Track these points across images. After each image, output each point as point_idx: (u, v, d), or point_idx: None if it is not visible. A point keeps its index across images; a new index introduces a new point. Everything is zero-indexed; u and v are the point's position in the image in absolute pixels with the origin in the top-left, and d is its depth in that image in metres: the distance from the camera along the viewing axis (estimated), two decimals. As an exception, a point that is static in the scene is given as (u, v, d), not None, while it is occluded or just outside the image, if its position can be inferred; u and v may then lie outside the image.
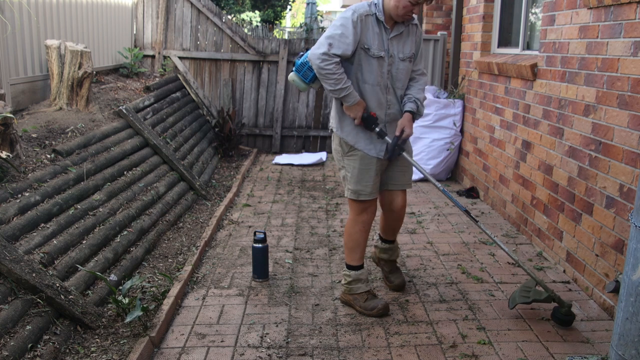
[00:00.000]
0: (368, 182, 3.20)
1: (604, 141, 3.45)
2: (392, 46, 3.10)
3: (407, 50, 3.15)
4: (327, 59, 2.96)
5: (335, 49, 2.96)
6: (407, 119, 3.15)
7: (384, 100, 3.16)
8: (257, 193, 6.02)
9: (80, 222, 3.68)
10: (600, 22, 3.51)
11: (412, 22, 3.16)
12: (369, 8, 3.04)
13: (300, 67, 3.20)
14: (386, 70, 3.12)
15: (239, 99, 8.16)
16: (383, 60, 3.08)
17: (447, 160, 6.47)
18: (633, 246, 2.33)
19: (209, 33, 7.97)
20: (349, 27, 2.97)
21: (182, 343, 2.99)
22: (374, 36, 3.04)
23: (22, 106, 4.95)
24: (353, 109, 3.09)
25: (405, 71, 3.17)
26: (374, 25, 3.04)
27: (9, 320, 2.65)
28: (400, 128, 3.14)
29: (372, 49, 3.04)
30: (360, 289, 3.34)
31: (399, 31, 3.10)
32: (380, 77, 3.11)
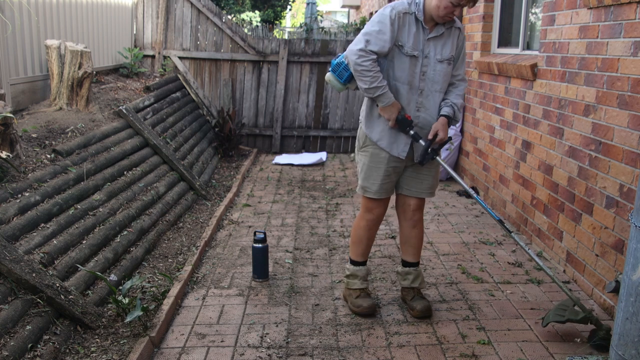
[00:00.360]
0: (375, 180, 3.17)
1: (604, 141, 3.45)
2: (429, 47, 3.03)
3: (445, 52, 3.06)
4: (364, 55, 2.92)
5: (372, 45, 2.92)
6: (441, 122, 3.05)
7: (414, 101, 3.08)
8: (257, 193, 6.02)
9: (80, 222, 3.68)
10: (600, 22, 3.51)
11: (455, 25, 3.09)
12: (409, 7, 3.00)
13: (335, 67, 3.16)
14: (419, 71, 3.05)
15: (239, 99, 8.16)
16: (417, 60, 3.02)
17: (447, 160, 6.47)
18: (633, 246, 2.33)
19: (209, 33, 7.97)
20: (387, 23, 2.93)
21: (182, 343, 2.99)
22: (409, 35, 2.99)
23: (22, 106, 4.95)
24: (387, 110, 3.03)
25: (442, 73, 3.07)
26: (411, 24, 2.99)
27: (9, 320, 2.65)
28: (433, 132, 3.04)
29: (406, 47, 2.99)
30: (355, 284, 3.35)
31: (439, 32, 3.03)
32: (412, 77, 3.05)
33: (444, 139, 3.04)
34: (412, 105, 3.08)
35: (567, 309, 2.98)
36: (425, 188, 3.26)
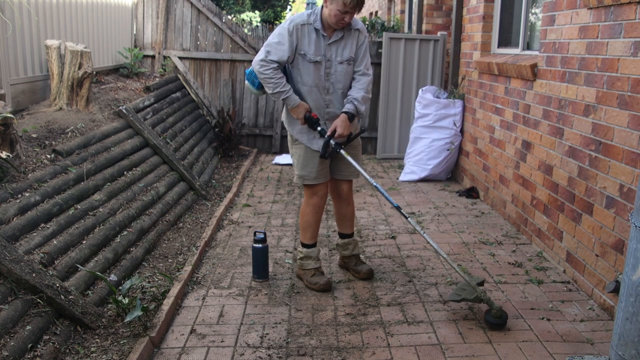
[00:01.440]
0: (312, 168, 3.54)
1: (604, 141, 3.45)
2: (330, 51, 3.39)
3: (345, 54, 3.42)
4: (265, 64, 3.30)
5: (272, 55, 3.30)
6: (341, 119, 3.40)
7: (322, 100, 3.47)
8: (257, 193, 6.02)
9: (80, 222, 3.68)
10: (600, 22, 3.51)
11: (354, 28, 3.42)
12: (307, 18, 3.36)
13: (249, 75, 3.53)
14: (324, 73, 3.42)
15: (239, 99, 8.16)
16: (320, 64, 3.39)
17: (447, 161, 6.47)
18: (633, 246, 2.34)
19: (209, 33, 7.97)
20: (285, 35, 3.31)
21: (182, 343, 2.99)
22: (310, 43, 3.35)
23: (22, 106, 4.95)
24: (295, 110, 3.42)
25: (343, 73, 3.44)
26: (310, 33, 3.35)
27: (9, 320, 2.65)
28: (332, 128, 3.40)
29: (308, 55, 3.36)
30: (309, 265, 3.71)
31: (338, 37, 3.39)
32: (318, 79, 3.42)
33: (342, 134, 3.38)
34: (321, 103, 3.48)
35: (465, 289, 3.26)
36: (353, 171, 3.64)
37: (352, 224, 3.87)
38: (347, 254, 3.86)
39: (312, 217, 3.68)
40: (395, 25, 9.41)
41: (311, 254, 3.72)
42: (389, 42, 7.33)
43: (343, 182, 3.72)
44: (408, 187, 6.31)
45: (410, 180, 6.53)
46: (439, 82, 7.39)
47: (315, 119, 3.43)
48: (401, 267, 4.01)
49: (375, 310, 3.36)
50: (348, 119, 3.40)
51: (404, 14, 10.45)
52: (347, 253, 3.86)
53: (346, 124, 3.40)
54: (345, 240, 3.87)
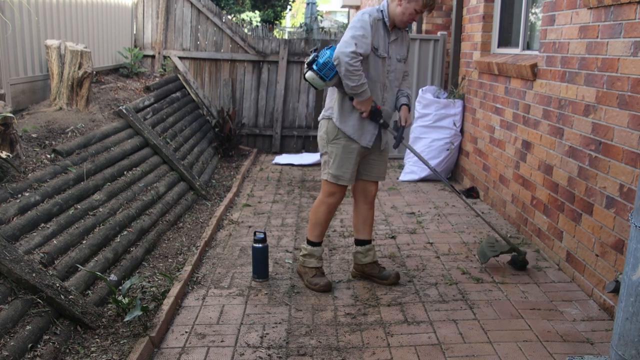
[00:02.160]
0: (348, 169, 3.50)
1: (604, 141, 3.45)
2: (391, 49, 3.43)
3: (402, 53, 3.51)
4: (355, 57, 3.19)
5: (359, 48, 3.21)
6: (406, 110, 3.52)
7: (381, 96, 3.49)
8: (257, 193, 6.02)
9: (80, 222, 3.68)
10: (600, 22, 3.51)
11: (405, 29, 3.50)
12: (378, 13, 3.34)
13: (322, 67, 3.33)
14: (386, 70, 3.45)
15: (239, 99, 8.16)
16: (384, 61, 3.41)
17: (447, 160, 6.47)
18: (633, 246, 2.33)
19: (209, 33, 7.97)
20: (368, 28, 3.26)
21: (182, 343, 2.99)
22: (380, 38, 3.35)
23: (22, 106, 4.95)
24: (365, 103, 3.36)
25: (400, 71, 3.54)
26: (380, 29, 3.35)
27: (9, 320, 2.65)
28: (404, 119, 3.50)
29: (380, 50, 3.36)
30: (311, 263, 3.69)
31: (397, 36, 3.45)
32: (382, 76, 3.43)
33: (411, 124, 3.51)
34: (379, 100, 3.49)
35: (495, 244, 3.54)
36: (382, 172, 3.68)
37: (371, 230, 3.79)
38: (368, 261, 3.72)
39: (325, 215, 3.64)
40: (395, 25, 9.41)
41: (315, 252, 3.69)
42: (389, 42, 7.32)
43: (372, 184, 3.68)
44: (408, 187, 6.31)
45: (410, 180, 6.53)
46: (439, 82, 7.39)
47: (380, 110, 3.45)
48: (401, 267, 4.01)
49: (375, 310, 3.36)
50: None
51: (404, 14, 10.44)
52: (368, 260, 3.71)
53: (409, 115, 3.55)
54: (366, 247, 3.73)
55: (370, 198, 3.70)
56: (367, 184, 3.66)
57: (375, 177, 3.65)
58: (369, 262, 3.72)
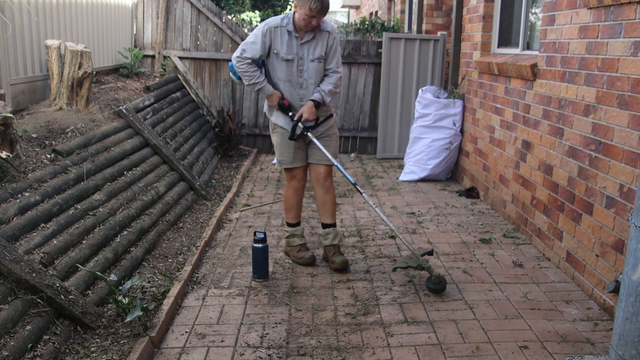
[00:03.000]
0: (288, 153, 3.93)
1: (604, 141, 3.45)
2: (302, 50, 3.78)
3: (316, 53, 3.79)
4: (240, 60, 3.77)
5: (247, 53, 3.77)
6: (307, 105, 3.78)
7: (296, 94, 3.86)
8: (257, 193, 6.02)
9: (80, 222, 3.68)
10: (600, 22, 3.51)
11: (325, 30, 3.78)
12: (281, 21, 3.77)
13: (231, 68, 3.96)
14: (297, 70, 3.81)
15: (239, 99, 8.16)
16: (292, 62, 3.79)
17: (447, 160, 6.47)
18: (633, 246, 2.34)
19: (209, 33, 7.97)
20: (259, 36, 3.76)
21: (182, 343, 2.99)
22: (282, 43, 3.76)
23: (22, 106, 4.95)
24: (270, 98, 3.85)
25: (315, 69, 3.82)
26: (283, 35, 3.76)
27: (9, 320, 2.65)
28: (299, 114, 3.77)
29: (281, 53, 3.77)
30: (295, 242, 4.11)
31: (309, 38, 3.76)
32: (291, 75, 3.82)
33: (307, 119, 3.76)
34: (295, 97, 3.86)
35: (412, 258, 3.66)
36: (325, 156, 3.88)
37: (332, 214, 4.03)
38: (327, 244, 3.98)
39: (294, 199, 4.07)
40: (395, 25, 9.42)
41: (296, 232, 4.11)
42: (389, 42, 7.33)
43: (319, 166, 3.94)
44: (408, 187, 6.31)
45: (410, 180, 6.53)
46: (439, 82, 7.39)
47: (287, 105, 3.83)
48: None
49: (375, 310, 3.37)
50: (314, 105, 3.77)
51: (404, 14, 10.45)
52: (327, 242, 3.98)
53: (312, 110, 3.77)
54: (325, 230, 4.02)
55: (320, 180, 3.96)
56: (315, 166, 3.97)
57: (318, 160, 3.93)
58: (327, 245, 4.00)
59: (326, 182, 3.97)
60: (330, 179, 3.99)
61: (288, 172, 4.03)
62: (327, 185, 3.97)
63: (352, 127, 8.15)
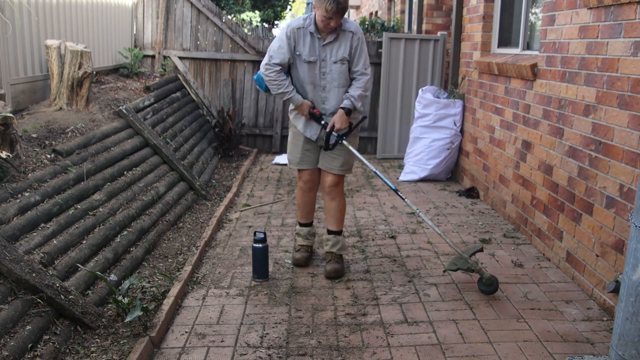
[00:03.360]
0: (296, 154, 3.91)
1: (604, 141, 3.45)
2: (324, 52, 3.67)
3: (339, 54, 3.67)
4: (269, 68, 3.67)
5: (274, 59, 3.66)
6: (338, 114, 3.69)
7: (319, 96, 3.77)
8: (257, 193, 6.02)
9: (80, 222, 3.68)
10: (600, 22, 3.51)
11: (348, 30, 3.66)
12: (303, 22, 3.67)
13: (258, 79, 3.90)
14: (319, 72, 3.72)
15: (239, 99, 8.16)
16: (315, 64, 3.69)
17: (447, 160, 6.47)
18: (633, 246, 2.34)
19: (209, 33, 7.97)
20: (284, 39, 3.66)
21: (182, 343, 2.99)
22: (304, 45, 3.66)
23: (22, 106, 4.95)
24: (299, 108, 3.78)
25: (338, 72, 3.70)
26: (305, 36, 3.65)
27: (9, 320, 2.65)
28: (331, 124, 3.68)
29: (303, 55, 3.67)
30: (298, 241, 4.12)
31: (332, 39, 3.65)
32: (314, 77, 3.72)
33: (340, 128, 3.68)
34: (318, 99, 3.78)
35: (461, 259, 3.58)
36: (337, 165, 3.84)
37: (336, 221, 3.95)
38: (326, 250, 3.95)
39: (301, 198, 4.04)
40: (395, 25, 9.42)
41: (301, 232, 4.11)
42: (389, 42, 7.33)
43: (327, 174, 3.88)
44: (408, 187, 6.31)
45: (410, 180, 6.53)
46: (439, 82, 7.39)
47: (318, 114, 3.75)
48: (401, 267, 4.01)
49: (375, 310, 3.36)
50: (345, 113, 3.68)
51: (404, 14, 10.45)
52: (326, 249, 3.95)
53: (343, 118, 3.68)
54: (326, 236, 3.98)
55: (326, 188, 3.90)
56: (323, 173, 3.91)
57: (327, 167, 3.85)
58: (327, 251, 3.96)
59: (332, 191, 3.88)
60: (336, 188, 3.88)
61: (298, 172, 4.01)
62: (333, 194, 3.89)
63: (352, 127, 8.14)
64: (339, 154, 3.80)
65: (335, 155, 3.81)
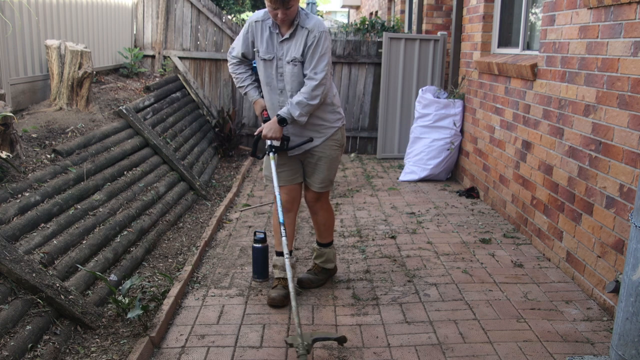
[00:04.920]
0: (269, 170, 3.35)
1: (604, 141, 3.45)
2: (282, 49, 3.22)
3: (292, 54, 3.19)
4: (229, 59, 3.44)
5: (233, 51, 3.39)
6: (272, 121, 3.24)
7: (276, 100, 3.32)
8: (257, 193, 6.02)
9: (80, 222, 3.68)
10: (600, 22, 3.51)
11: (304, 26, 3.16)
12: (263, 15, 3.24)
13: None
14: (276, 72, 3.26)
15: (239, 99, 8.16)
16: (271, 63, 3.25)
17: (447, 160, 6.47)
18: (633, 246, 2.34)
19: (209, 33, 7.97)
20: (243, 32, 3.32)
21: (182, 343, 2.99)
22: (262, 40, 3.25)
23: (22, 106, 4.95)
24: (254, 107, 3.46)
25: (291, 74, 3.22)
26: (264, 31, 3.24)
27: (9, 320, 2.65)
28: (258, 130, 3.29)
29: (261, 52, 3.27)
30: (274, 274, 3.57)
31: (287, 35, 3.19)
32: (270, 78, 3.29)
33: (266, 135, 3.21)
34: (275, 104, 3.33)
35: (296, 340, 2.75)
36: (315, 181, 3.47)
37: (322, 234, 3.66)
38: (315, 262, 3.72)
39: (275, 220, 3.51)
40: (395, 25, 9.42)
41: (277, 262, 3.54)
42: (389, 42, 7.33)
43: (308, 190, 3.54)
44: (408, 187, 6.31)
45: (410, 180, 6.53)
46: (439, 82, 7.39)
47: (265, 117, 3.37)
48: (401, 267, 4.01)
49: (375, 310, 3.36)
50: (277, 122, 3.19)
51: (404, 14, 10.45)
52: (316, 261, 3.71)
53: (273, 126, 3.20)
54: (315, 246, 3.76)
55: (308, 203, 3.59)
56: (305, 189, 3.56)
57: (309, 183, 3.50)
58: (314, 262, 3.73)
59: (314, 205, 3.58)
60: (318, 203, 3.56)
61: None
62: (316, 208, 3.58)
63: (352, 127, 8.15)
64: (317, 168, 3.42)
65: (312, 169, 3.44)
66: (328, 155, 3.40)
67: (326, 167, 3.42)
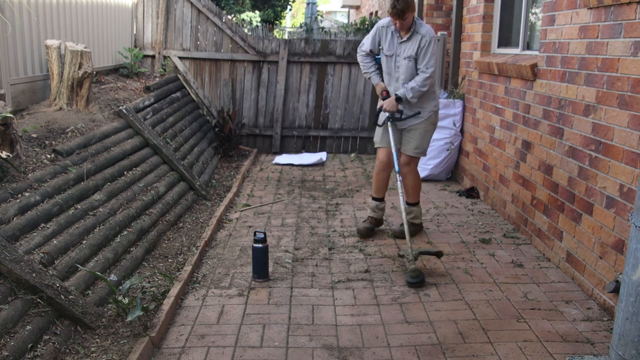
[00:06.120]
0: (378, 135, 4.57)
1: (604, 141, 3.45)
2: (400, 49, 4.32)
3: (407, 52, 4.28)
4: (359, 51, 4.57)
5: (364, 46, 4.50)
6: (390, 98, 4.35)
7: (393, 85, 4.42)
8: (257, 193, 6.02)
9: (80, 222, 3.68)
10: (600, 22, 3.51)
11: (419, 32, 4.22)
12: (389, 22, 4.31)
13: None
14: (394, 65, 4.37)
15: (239, 99, 8.16)
16: (392, 58, 4.37)
17: (447, 161, 6.47)
18: (633, 246, 2.34)
19: (209, 33, 7.97)
20: (372, 32, 4.45)
21: (182, 343, 2.99)
22: (386, 41, 4.37)
23: (22, 106, 4.95)
24: (376, 87, 4.52)
25: (405, 67, 4.31)
26: (388, 34, 4.35)
27: (9, 320, 2.65)
28: (379, 104, 4.44)
29: (385, 50, 4.39)
30: (368, 212, 4.75)
31: (405, 39, 4.28)
32: (390, 69, 4.40)
33: (386, 109, 4.34)
34: (392, 88, 4.43)
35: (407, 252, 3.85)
36: (411, 148, 4.47)
37: (409, 195, 4.58)
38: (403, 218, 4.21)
39: (375, 175, 4.64)
40: (395, 25, 9.41)
41: (371, 204, 4.69)
42: (389, 42, 7.31)
43: (401, 155, 4.50)
44: (408, 187, 6.30)
45: (410, 180, 6.52)
46: (439, 82, 7.37)
47: (385, 96, 4.40)
48: (401, 267, 4.01)
49: (375, 310, 3.37)
50: (395, 99, 4.30)
51: (404, 14, 10.43)
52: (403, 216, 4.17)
53: (391, 103, 4.31)
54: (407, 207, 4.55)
55: (400, 164, 4.43)
56: (401, 155, 4.51)
57: (402, 149, 4.50)
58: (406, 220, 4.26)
59: (404, 169, 4.47)
60: (408, 167, 4.49)
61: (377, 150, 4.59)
62: (405, 172, 4.48)
63: (352, 127, 8.15)
64: (412, 137, 4.42)
65: (409, 138, 4.43)
66: (424, 128, 4.44)
67: (420, 137, 4.43)
